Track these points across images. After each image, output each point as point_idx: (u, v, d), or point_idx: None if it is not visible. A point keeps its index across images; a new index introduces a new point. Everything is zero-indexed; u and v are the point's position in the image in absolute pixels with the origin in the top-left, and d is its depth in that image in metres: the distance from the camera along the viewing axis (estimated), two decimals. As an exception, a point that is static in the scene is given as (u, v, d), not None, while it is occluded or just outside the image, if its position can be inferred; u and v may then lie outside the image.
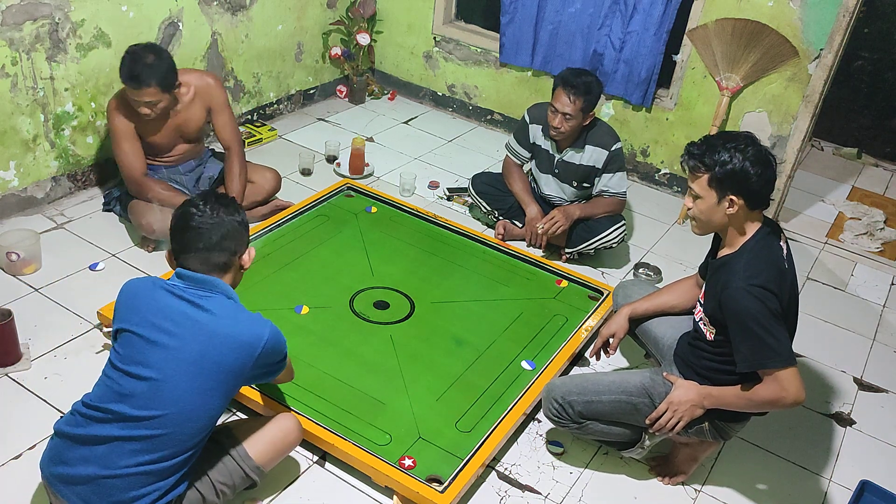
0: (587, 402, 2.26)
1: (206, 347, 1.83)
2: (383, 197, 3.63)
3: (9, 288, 2.88)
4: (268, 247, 3.19)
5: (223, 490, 1.99)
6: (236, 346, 1.86)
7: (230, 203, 1.97)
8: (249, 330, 1.89)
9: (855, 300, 3.49)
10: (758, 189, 2.03)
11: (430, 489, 2.16)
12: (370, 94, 4.83)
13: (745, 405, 2.09)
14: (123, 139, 3.07)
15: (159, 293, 1.88)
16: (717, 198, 2.05)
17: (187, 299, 1.86)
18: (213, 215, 1.91)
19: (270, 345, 1.91)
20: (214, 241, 1.91)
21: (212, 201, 1.94)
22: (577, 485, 2.38)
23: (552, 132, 3.21)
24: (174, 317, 1.84)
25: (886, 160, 4.91)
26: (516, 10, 4.17)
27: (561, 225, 3.28)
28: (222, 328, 1.85)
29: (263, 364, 1.93)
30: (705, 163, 2.05)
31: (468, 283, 3.15)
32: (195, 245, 1.90)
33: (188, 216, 1.91)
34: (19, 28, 3.03)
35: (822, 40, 3.53)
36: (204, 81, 3.20)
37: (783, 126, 3.76)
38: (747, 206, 2.05)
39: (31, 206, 3.34)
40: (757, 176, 2.00)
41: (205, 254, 1.90)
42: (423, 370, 2.65)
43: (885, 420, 2.81)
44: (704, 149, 2.06)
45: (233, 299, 1.93)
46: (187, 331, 1.83)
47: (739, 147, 2.02)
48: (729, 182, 2.02)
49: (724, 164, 2.01)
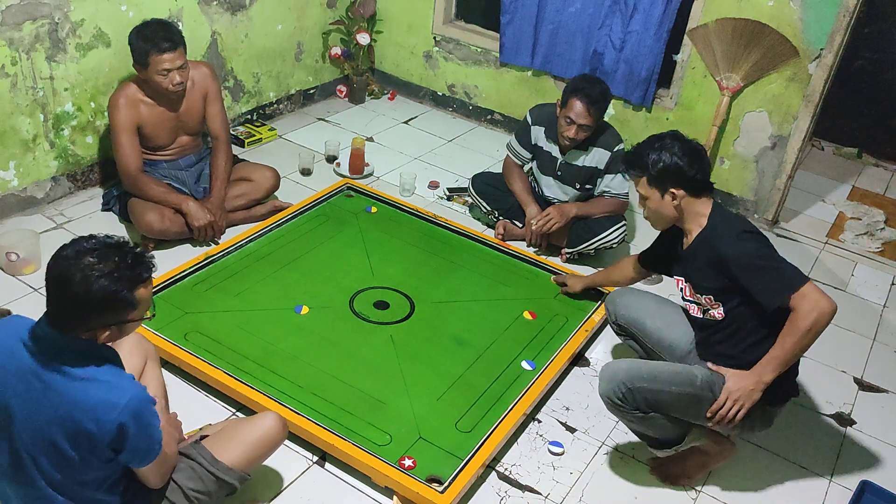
0: (656, 392, 2.19)
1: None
2: (383, 197, 3.63)
3: (9, 288, 2.88)
4: (268, 247, 3.19)
5: (197, 496, 1.89)
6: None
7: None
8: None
9: (855, 300, 3.49)
10: (692, 176, 2.21)
11: (430, 489, 2.16)
12: (370, 94, 4.83)
13: (798, 342, 2.07)
14: (123, 133, 3.08)
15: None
16: (660, 194, 2.25)
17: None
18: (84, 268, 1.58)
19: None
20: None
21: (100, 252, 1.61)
22: (577, 485, 2.38)
23: (565, 141, 3.19)
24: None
25: (887, 160, 4.91)
26: (516, 10, 4.17)
27: (556, 222, 3.28)
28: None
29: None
30: (640, 166, 2.26)
31: (468, 283, 3.15)
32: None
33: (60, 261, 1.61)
34: (19, 28, 3.03)
35: (822, 40, 3.52)
36: (200, 71, 3.27)
37: (783, 126, 3.76)
38: (689, 194, 2.23)
39: (31, 206, 3.34)
40: (688, 166, 2.20)
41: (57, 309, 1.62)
42: (423, 370, 2.65)
43: (885, 420, 2.81)
44: (635, 155, 2.29)
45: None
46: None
47: (665, 145, 2.23)
48: (665, 177, 2.22)
49: (655, 163, 2.22)
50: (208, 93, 3.28)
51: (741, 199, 4.00)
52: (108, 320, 1.63)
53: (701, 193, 2.24)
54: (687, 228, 2.29)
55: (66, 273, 1.57)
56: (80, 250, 1.60)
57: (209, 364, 2.50)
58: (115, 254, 1.61)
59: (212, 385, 2.50)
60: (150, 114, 3.13)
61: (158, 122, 3.16)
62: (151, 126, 3.15)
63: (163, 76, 3.00)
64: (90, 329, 1.63)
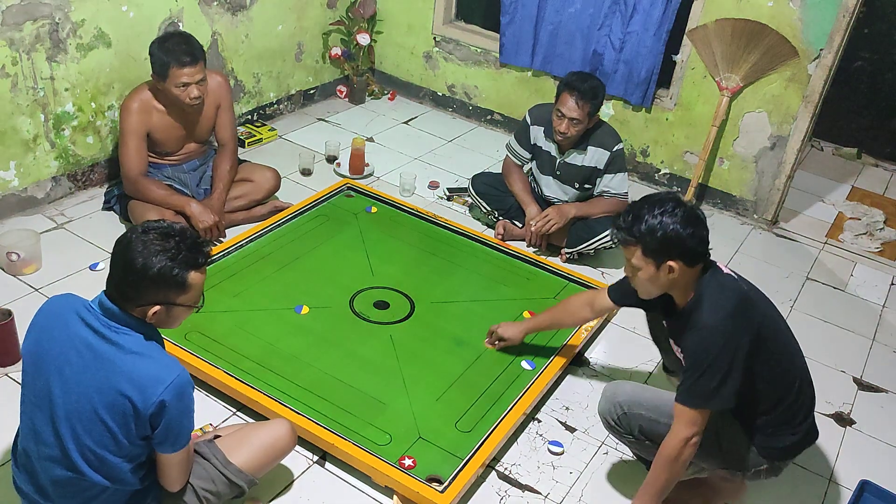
0: (652, 422, 2.14)
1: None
2: (383, 197, 3.63)
3: (9, 288, 2.88)
4: (268, 247, 3.19)
5: (206, 496, 1.93)
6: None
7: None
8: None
9: (855, 300, 3.49)
10: (693, 247, 1.97)
11: (430, 489, 2.16)
12: (370, 95, 4.83)
13: (654, 468, 2.04)
14: (131, 137, 3.08)
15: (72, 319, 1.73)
16: (656, 266, 1.99)
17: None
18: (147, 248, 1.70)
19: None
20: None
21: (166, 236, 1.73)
22: (577, 485, 2.38)
23: (558, 137, 3.20)
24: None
25: (886, 160, 4.91)
26: (516, 11, 4.17)
27: (555, 223, 3.29)
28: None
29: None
30: (635, 234, 1.99)
31: (468, 283, 3.15)
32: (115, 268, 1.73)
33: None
34: (19, 28, 3.03)
35: (821, 40, 3.53)
36: (215, 80, 3.26)
37: (783, 126, 3.76)
38: (686, 266, 1.99)
39: (32, 206, 3.34)
40: (689, 236, 1.95)
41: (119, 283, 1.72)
42: (423, 370, 2.65)
43: (885, 420, 2.81)
44: (632, 220, 1.99)
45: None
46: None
47: (667, 211, 1.96)
48: (664, 249, 1.96)
49: (653, 231, 1.95)
50: (221, 103, 3.28)
51: (740, 199, 4.00)
52: (159, 297, 1.72)
53: (696, 264, 2.02)
54: (676, 296, 2.09)
55: (129, 244, 1.69)
56: (146, 228, 1.73)
57: (209, 364, 2.50)
58: (178, 236, 1.73)
59: (212, 385, 2.50)
60: (161, 121, 3.13)
61: (168, 130, 3.16)
62: (161, 133, 3.15)
63: (181, 90, 3.00)
64: (142, 304, 1.71)
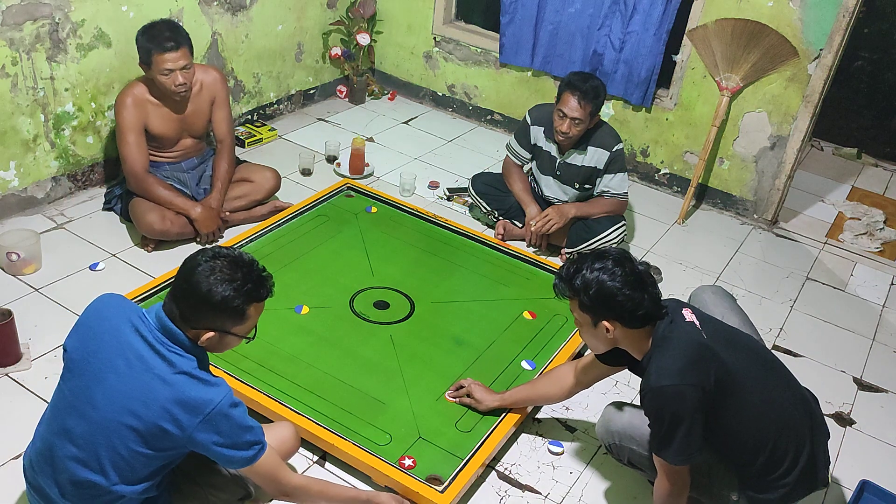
0: (643, 457, 2.13)
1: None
2: (383, 197, 3.63)
3: (9, 288, 2.88)
4: (268, 247, 3.19)
5: (215, 495, 1.95)
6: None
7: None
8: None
9: (855, 300, 3.50)
10: (631, 310, 1.84)
11: (430, 489, 2.16)
12: (370, 94, 4.83)
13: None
14: (129, 132, 3.09)
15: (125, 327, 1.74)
16: (592, 323, 1.90)
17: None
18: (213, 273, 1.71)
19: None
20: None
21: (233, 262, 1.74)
22: (577, 485, 2.38)
23: (559, 137, 3.20)
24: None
25: (886, 160, 4.92)
26: (516, 11, 4.17)
27: (555, 223, 3.29)
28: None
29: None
30: (573, 287, 1.89)
31: (468, 283, 3.15)
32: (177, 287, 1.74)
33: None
34: (19, 28, 3.04)
35: (821, 40, 3.53)
36: (210, 75, 3.27)
37: (783, 126, 3.76)
38: (626, 327, 1.87)
39: (32, 206, 3.34)
40: (627, 299, 1.82)
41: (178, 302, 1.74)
42: (423, 370, 2.65)
43: (885, 420, 2.81)
44: (573, 272, 1.90)
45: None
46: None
47: (607, 268, 1.85)
48: (597, 307, 1.86)
49: (587, 287, 1.85)
50: (216, 98, 3.29)
51: (740, 199, 4.00)
52: (216, 324, 1.73)
53: (640, 326, 1.89)
54: (627, 349, 1.99)
55: (197, 268, 1.71)
56: (217, 254, 1.74)
57: (209, 364, 2.49)
58: (245, 268, 1.74)
59: (212, 385, 2.50)
60: (155, 113, 3.14)
61: (163, 123, 3.17)
62: (157, 126, 3.16)
63: (165, 76, 3.01)
64: (197, 327, 1.73)
